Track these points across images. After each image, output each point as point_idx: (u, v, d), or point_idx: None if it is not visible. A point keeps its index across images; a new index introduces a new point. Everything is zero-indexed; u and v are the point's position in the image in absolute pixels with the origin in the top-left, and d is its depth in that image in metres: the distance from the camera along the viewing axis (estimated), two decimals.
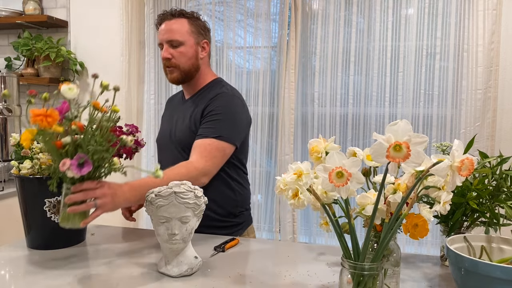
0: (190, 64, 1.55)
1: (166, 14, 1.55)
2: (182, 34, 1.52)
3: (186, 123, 1.54)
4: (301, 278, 1.08)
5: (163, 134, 1.66)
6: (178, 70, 1.54)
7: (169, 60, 1.52)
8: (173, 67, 1.53)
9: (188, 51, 1.53)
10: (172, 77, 1.56)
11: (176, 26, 1.53)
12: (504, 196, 1.06)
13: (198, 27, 1.57)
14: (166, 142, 1.61)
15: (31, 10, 2.85)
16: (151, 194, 1.05)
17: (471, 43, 2.28)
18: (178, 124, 1.59)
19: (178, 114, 1.63)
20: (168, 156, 1.59)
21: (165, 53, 1.52)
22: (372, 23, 2.45)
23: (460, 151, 0.75)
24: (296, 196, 0.80)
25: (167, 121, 1.68)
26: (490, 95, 2.25)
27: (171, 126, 1.62)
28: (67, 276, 1.08)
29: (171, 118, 1.65)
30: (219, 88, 1.56)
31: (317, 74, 2.54)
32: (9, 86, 2.48)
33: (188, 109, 1.58)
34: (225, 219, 1.56)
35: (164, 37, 1.53)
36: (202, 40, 1.58)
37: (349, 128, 2.53)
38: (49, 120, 0.95)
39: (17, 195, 1.28)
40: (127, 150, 1.35)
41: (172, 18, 1.54)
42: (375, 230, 0.88)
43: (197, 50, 1.56)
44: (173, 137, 1.58)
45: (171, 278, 1.07)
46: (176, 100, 1.72)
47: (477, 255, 1.00)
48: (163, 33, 1.53)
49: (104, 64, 2.86)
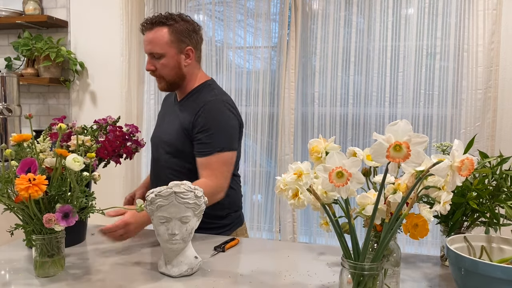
0: (174, 74, 1.53)
1: (146, 23, 1.51)
2: (161, 46, 1.48)
3: (175, 127, 1.54)
4: (301, 278, 1.08)
5: (155, 133, 1.67)
6: (163, 80, 1.54)
7: (154, 71, 1.53)
8: (159, 78, 1.54)
9: (170, 62, 1.50)
10: (160, 87, 1.57)
11: (155, 37, 1.49)
12: (504, 196, 1.06)
13: (180, 35, 1.50)
14: (157, 141, 1.62)
15: (31, 10, 2.85)
16: (151, 194, 1.05)
17: (471, 43, 2.28)
18: (168, 125, 1.59)
19: (170, 115, 1.63)
20: (158, 154, 1.61)
21: (148, 65, 1.53)
22: (372, 23, 2.45)
23: (460, 151, 0.75)
24: (296, 196, 0.80)
25: (160, 120, 1.70)
26: (490, 95, 2.25)
27: (162, 126, 1.64)
28: (67, 276, 1.08)
29: (163, 118, 1.67)
30: (207, 94, 1.54)
31: (317, 74, 2.54)
32: (9, 86, 2.48)
33: (177, 112, 1.58)
34: (210, 221, 1.50)
35: (146, 49, 1.52)
36: (185, 47, 1.51)
37: (349, 128, 2.53)
38: (36, 189, 0.93)
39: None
40: (127, 150, 1.35)
41: (152, 27, 1.49)
42: (375, 230, 0.88)
43: (179, 59, 1.52)
44: (163, 137, 1.60)
45: (171, 278, 1.07)
46: (170, 100, 1.72)
47: (477, 255, 1.00)
48: (145, 44, 1.52)
49: (104, 64, 2.86)
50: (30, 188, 0.91)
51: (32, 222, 1.01)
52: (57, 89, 2.98)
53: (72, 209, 1.01)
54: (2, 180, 1.00)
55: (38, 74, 2.87)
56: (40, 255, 1.04)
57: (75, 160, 0.98)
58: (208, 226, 1.49)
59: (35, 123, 3.03)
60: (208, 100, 1.50)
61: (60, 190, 1.01)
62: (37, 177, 0.93)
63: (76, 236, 1.33)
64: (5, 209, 1.03)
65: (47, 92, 3.01)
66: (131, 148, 1.36)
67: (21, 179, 0.92)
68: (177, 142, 1.52)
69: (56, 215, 0.98)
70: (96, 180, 1.10)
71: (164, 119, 1.66)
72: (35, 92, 3.02)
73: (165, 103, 1.76)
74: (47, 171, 1.10)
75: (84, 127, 1.36)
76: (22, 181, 0.91)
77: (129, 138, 1.37)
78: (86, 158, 1.10)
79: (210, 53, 2.71)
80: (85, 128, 1.37)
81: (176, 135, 1.52)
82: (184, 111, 1.54)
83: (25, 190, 0.91)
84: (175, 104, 1.63)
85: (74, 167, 0.98)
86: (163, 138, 1.59)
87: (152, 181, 1.65)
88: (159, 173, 1.59)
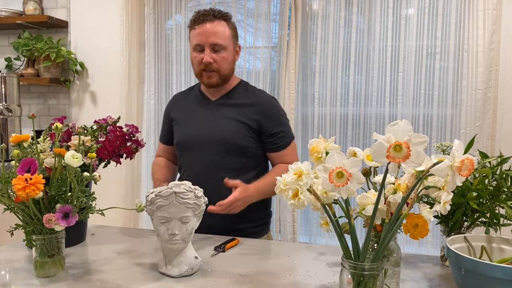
0: (229, 69, 1.55)
1: (208, 14, 1.49)
2: (225, 39, 1.50)
3: (231, 124, 1.52)
4: (301, 278, 1.08)
5: (191, 134, 1.59)
6: (217, 75, 1.52)
7: (210, 64, 1.49)
8: (213, 72, 1.51)
9: (229, 57, 1.52)
10: (210, 82, 1.53)
11: (219, 29, 1.49)
12: (504, 196, 1.06)
13: (235, 32, 1.56)
14: (205, 141, 1.55)
15: (31, 10, 2.85)
16: (151, 194, 1.05)
17: (471, 43, 2.28)
18: (215, 124, 1.55)
19: (204, 114, 1.58)
20: (201, 156, 1.55)
21: (207, 57, 1.48)
22: (372, 23, 2.45)
23: (460, 151, 0.75)
24: (296, 196, 0.80)
25: (192, 121, 1.61)
26: (490, 95, 2.25)
27: (201, 126, 1.57)
28: (67, 276, 1.08)
29: (195, 118, 1.60)
30: (257, 91, 1.63)
31: (317, 74, 2.54)
32: (9, 86, 2.48)
33: (222, 111, 1.56)
34: (263, 218, 1.65)
35: (208, 40, 1.48)
36: (237, 44, 1.58)
37: (349, 128, 2.53)
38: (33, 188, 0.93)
39: None
40: (127, 150, 1.35)
41: (213, 19, 1.49)
42: (375, 230, 0.88)
43: (234, 55, 1.56)
44: (214, 136, 1.54)
45: (171, 278, 1.07)
46: (192, 99, 1.66)
47: (477, 255, 1.00)
48: (206, 34, 1.48)
49: (104, 64, 2.86)
50: (27, 188, 0.91)
51: (32, 222, 1.01)
52: (57, 89, 2.98)
53: (72, 209, 1.01)
54: (2, 180, 1.00)
55: (38, 74, 2.88)
56: (40, 255, 1.04)
57: (74, 157, 0.98)
58: (258, 224, 1.60)
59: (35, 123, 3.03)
60: (267, 97, 1.61)
61: (60, 190, 1.01)
62: (34, 177, 0.93)
63: (76, 236, 1.33)
64: (5, 209, 1.03)
65: (47, 92, 3.01)
66: (131, 148, 1.36)
67: (18, 179, 0.92)
68: (238, 139, 1.51)
69: (56, 215, 0.98)
70: (97, 181, 1.10)
71: (196, 119, 1.59)
72: (35, 92, 3.03)
73: (184, 104, 1.68)
74: (47, 171, 1.10)
75: (84, 127, 1.36)
76: (19, 181, 0.92)
77: (129, 138, 1.37)
78: (87, 158, 1.11)
79: None
80: (85, 128, 1.37)
81: (235, 133, 1.52)
82: (238, 108, 1.55)
83: (22, 189, 0.91)
84: (209, 103, 1.60)
85: (73, 163, 0.98)
86: (214, 137, 1.53)
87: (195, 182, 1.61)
88: (206, 172, 1.53)
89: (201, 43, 1.50)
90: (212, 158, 1.53)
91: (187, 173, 1.60)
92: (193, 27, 1.52)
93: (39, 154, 1.28)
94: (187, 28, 1.59)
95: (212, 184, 1.40)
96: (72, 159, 0.98)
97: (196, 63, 1.53)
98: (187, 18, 2.75)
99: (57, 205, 1.00)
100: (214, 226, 1.44)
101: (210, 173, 1.52)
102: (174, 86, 2.80)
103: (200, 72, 1.53)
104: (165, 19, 2.80)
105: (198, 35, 1.50)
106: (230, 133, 1.52)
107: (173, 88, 2.80)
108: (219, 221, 1.43)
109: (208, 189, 1.51)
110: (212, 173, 1.51)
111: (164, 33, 2.80)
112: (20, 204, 0.99)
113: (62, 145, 1.26)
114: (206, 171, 1.53)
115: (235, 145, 1.52)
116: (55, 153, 1.02)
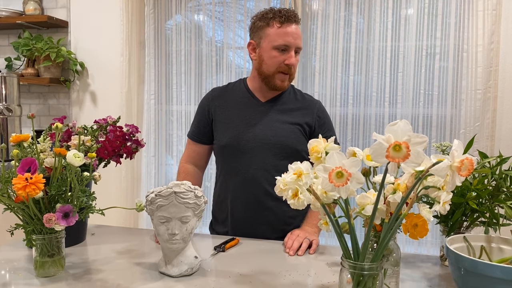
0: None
1: (293, 15, 1.45)
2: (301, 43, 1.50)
3: (286, 127, 1.50)
4: (301, 278, 1.08)
5: (243, 136, 1.51)
6: (290, 78, 1.51)
7: (293, 67, 1.47)
8: (288, 75, 1.49)
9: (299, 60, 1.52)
10: (284, 85, 1.51)
11: (300, 33, 1.47)
12: (504, 196, 1.06)
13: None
14: (260, 144, 1.50)
15: (32, 10, 2.85)
16: (151, 194, 1.05)
17: (471, 43, 2.28)
18: (269, 127, 1.51)
19: (257, 116, 1.53)
20: (256, 160, 1.50)
21: (294, 60, 1.45)
22: (372, 23, 2.45)
23: (459, 151, 0.75)
24: (296, 196, 0.80)
25: (243, 122, 1.53)
26: (490, 95, 2.26)
27: (255, 128, 1.51)
28: (67, 276, 1.08)
29: (246, 119, 1.53)
30: (305, 94, 1.63)
31: (317, 74, 2.54)
32: (9, 86, 2.48)
33: (274, 113, 1.53)
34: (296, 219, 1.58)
35: (295, 42, 1.44)
36: None
37: (349, 128, 2.53)
38: (33, 187, 0.93)
39: None
40: (128, 150, 1.35)
41: (297, 21, 1.46)
42: (375, 230, 0.88)
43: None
44: (270, 139, 1.50)
45: (171, 278, 1.07)
46: (239, 99, 1.58)
47: (477, 255, 1.00)
48: (295, 36, 1.44)
49: (104, 64, 2.86)
50: (27, 187, 0.91)
51: (32, 222, 1.01)
52: (57, 89, 2.98)
53: (73, 209, 1.01)
54: (2, 180, 1.00)
55: (38, 74, 2.88)
56: (40, 255, 1.05)
57: (76, 156, 0.98)
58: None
59: (35, 123, 3.03)
60: (317, 101, 1.61)
61: (60, 190, 1.01)
62: (34, 176, 0.93)
63: (76, 235, 1.33)
64: (5, 209, 1.04)
65: (47, 92, 3.01)
66: (131, 148, 1.36)
67: (18, 179, 0.92)
68: (294, 142, 1.50)
69: (56, 215, 0.98)
70: (97, 180, 1.11)
71: (247, 120, 1.53)
72: (36, 92, 3.03)
73: (227, 100, 1.59)
74: (47, 171, 1.10)
75: (84, 127, 1.37)
76: (19, 180, 0.92)
77: (129, 138, 1.37)
78: (87, 158, 1.11)
79: (210, 53, 2.71)
80: (85, 128, 1.37)
81: (291, 136, 1.50)
82: (290, 111, 1.54)
83: (22, 189, 0.91)
84: (261, 105, 1.55)
85: (74, 162, 0.98)
86: (271, 140, 1.49)
87: (245, 188, 1.52)
88: (263, 176, 1.49)
89: (288, 44, 1.44)
90: (269, 161, 1.49)
91: (240, 177, 1.52)
92: (279, 25, 1.43)
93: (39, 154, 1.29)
94: (260, 22, 1.48)
95: (265, 188, 1.46)
96: (74, 158, 0.98)
97: (275, 63, 1.46)
98: (187, 18, 2.75)
99: (57, 205, 1.00)
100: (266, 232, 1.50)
101: (266, 176, 1.49)
102: (174, 86, 2.80)
103: (275, 73, 1.48)
104: (165, 19, 2.80)
105: (285, 35, 1.43)
106: (286, 137, 1.50)
107: (173, 88, 2.80)
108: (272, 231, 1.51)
109: (261, 192, 1.51)
110: (267, 177, 1.48)
111: (164, 33, 2.80)
112: (20, 204, 0.99)
113: (62, 145, 1.26)
114: (262, 175, 1.49)
115: (291, 148, 1.49)
116: (55, 153, 1.02)
